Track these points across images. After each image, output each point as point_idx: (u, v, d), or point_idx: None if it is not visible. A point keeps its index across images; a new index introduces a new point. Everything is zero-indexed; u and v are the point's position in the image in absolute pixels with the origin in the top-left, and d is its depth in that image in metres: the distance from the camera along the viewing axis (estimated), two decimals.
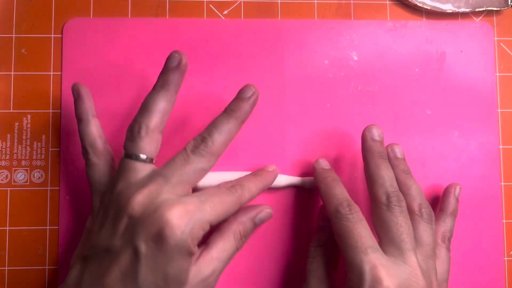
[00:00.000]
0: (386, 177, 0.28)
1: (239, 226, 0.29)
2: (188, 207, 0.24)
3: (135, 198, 0.25)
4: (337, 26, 0.34)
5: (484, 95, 0.34)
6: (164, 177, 0.26)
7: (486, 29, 0.35)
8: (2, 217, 0.32)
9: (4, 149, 0.33)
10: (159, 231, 0.24)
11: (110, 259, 0.24)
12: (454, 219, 0.31)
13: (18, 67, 0.33)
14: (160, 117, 0.27)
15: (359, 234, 0.26)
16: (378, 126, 0.30)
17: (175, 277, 0.24)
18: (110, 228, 0.25)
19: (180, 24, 0.34)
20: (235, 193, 0.27)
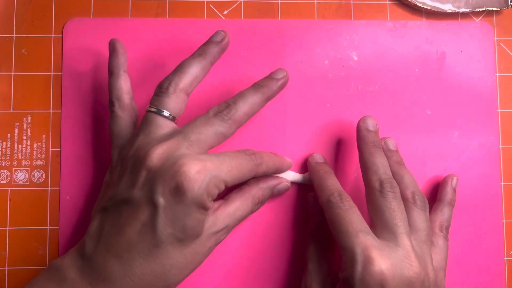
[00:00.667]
0: (380, 164, 0.29)
1: (259, 191, 0.30)
2: (206, 163, 0.25)
3: (154, 151, 0.25)
4: (337, 26, 0.34)
5: (484, 95, 0.34)
6: (184, 134, 0.26)
7: (486, 29, 0.35)
8: (2, 217, 0.32)
9: (4, 149, 0.33)
10: (177, 184, 0.24)
11: (129, 211, 0.25)
12: (451, 208, 0.32)
13: (18, 67, 0.33)
14: (190, 80, 0.28)
15: (350, 220, 0.27)
16: (372, 117, 0.31)
17: (192, 229, 0.25)
18: (129, 180, 0.26)
19: (180, 24, 0.34)
20: (254, 161, 0.28)
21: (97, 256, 0.25)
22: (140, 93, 0.33)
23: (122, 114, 0.30)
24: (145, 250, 0.25)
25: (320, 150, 0.33)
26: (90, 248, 0.26)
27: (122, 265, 0.25)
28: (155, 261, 0.25)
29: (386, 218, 0.27)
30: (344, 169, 0.33)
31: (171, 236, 0.25)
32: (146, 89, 0.33)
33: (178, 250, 0.25)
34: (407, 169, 0.31)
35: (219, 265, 0.32)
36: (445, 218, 0.31)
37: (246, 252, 0.32)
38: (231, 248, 0.33)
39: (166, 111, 0.28)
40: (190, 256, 0.26)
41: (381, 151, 0.30)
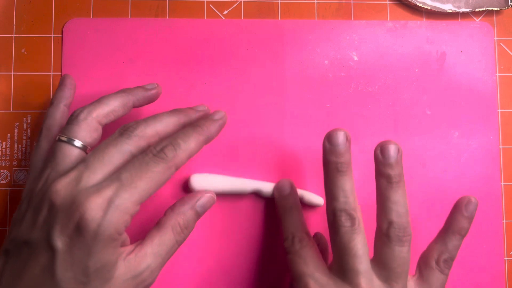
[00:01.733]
0: (338, 193, 0.26)
1: (178, 218, 0.26)
2: (105, 194, 0.23)
3: (55, 187, 0.23)
4: (337, 26, 0.34)
5: (484, 95, 0.34)
6: (85, 162, 0.24)
7: (486, 29, 0.35)
8: (2, 217, 0.32)
9: (4, 149, 0.33)
10: (76, 225, 0.22)
11: (29, 253, 0.23)
12: (459, 238, 0.28)
13: (18, 67, 0.33)
14: (106, 111, 0.26)
15: (296, 262, 0.27)
16: (343, 131, 0.27)
17: (97, 272, 0.23)
18: (31, 219, 0.24)
19: (180, 24, 0.34)
20: (164, 158, 0.24)
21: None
22: None
23: (45, 145, 0.28)
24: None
25: (319, 150, 0.33)
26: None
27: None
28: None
29: (338, 254, 0.26)
30: None
31: (71, 281, 0.22)
32: None
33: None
34: (399, 188, 0.26)
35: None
36: (445, 249, 0.28)
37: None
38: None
39: (77, 139, 0.25)
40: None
41: (342, 174, 0.26)
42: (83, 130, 0.26)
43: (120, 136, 0.25)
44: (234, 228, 0.32)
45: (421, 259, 0.29)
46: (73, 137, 0.25)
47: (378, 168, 0.27)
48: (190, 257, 0.32)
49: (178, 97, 0.33)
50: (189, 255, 0.32)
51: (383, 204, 0.26)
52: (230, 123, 0.33)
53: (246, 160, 0.33)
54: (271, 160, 0.33)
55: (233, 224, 0.33)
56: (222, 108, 0.33)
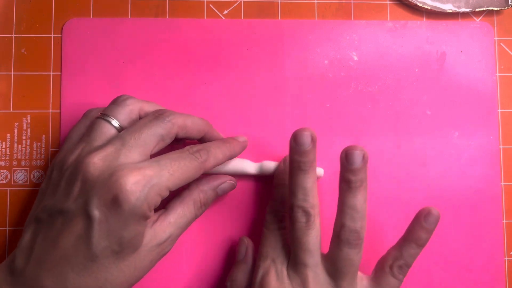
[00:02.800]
0: (297, 190, 0.27)
1: (200, 194, 0.29)
2: (145, 172, 0.24)
3: (91, 161, 0.24)
4: (337, 26, 0.34)
5: (484, 95, 0.34)
6: (122, 139, 0.25)
7: (486, 29, 0.35)
8: (2, 217, 0.32)
9: (4, 149, 0.33)
10: (114, 197, 0.23)
11: (64, 222, 0.24)
12: (415, 247, 0.28)
13: (18, 67, 0.33)
14: (150, 103, 0.28)
15: (268, 241, 0.29)
16: (309, 132, 0.27)
17: (129, 242, 0.24)
18: (65, 190, 0.25)
19: (180, 24, 0.34)
20: (198, 158, 0.26)
21: (29, 271, 0.24)
22: (138, 94, 0.33)
23: (86, 123, 0.29)
24: (79, 264, 0.23)
25: (319, 150, 0.33)
26: (21, 262, 0.24)
27: (55, 280, 0.23)
28: (90, 275, 0.24)
29: (292, 247, 0.28)
30: None
31: (106, 250, 0.24)
32: (145, 90, 0.33)
33: (114, 264, 0.24)
34: (358, 193, 0.27)
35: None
36: (400, 256, 0.28)
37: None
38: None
39: (115, 119, 0.27)
40: (128, 270, 0.25)
41: (304, 173, 0.27)
42: (124, 114, 0.27)
43: (155, 119, 0.26)
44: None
45: (378, 262, 0.29)
46: (113, 117, 0.27)
47: (341, 171, 0.27)
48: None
49: (178, 97, 0.33)
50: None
51: (340, 207, 0.27)
52: (230, 123, 0.33)
53: (246, 159, 0.33)
54: (271, 160, 0.33)
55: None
56: (222, 108, 0.33)
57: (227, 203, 0.33)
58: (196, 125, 0.28)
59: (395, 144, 0.34)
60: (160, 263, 0.31)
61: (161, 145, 0.26)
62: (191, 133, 0.28)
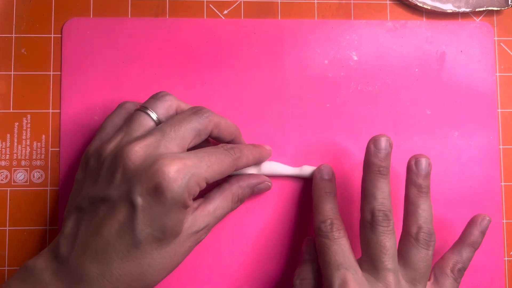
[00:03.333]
0: (378, 194, 0.28)
1: (239, 190, 0.30)
2: (185, 161, 0.25)
3: (132, 149, 0.25)
4: (337, 26, 0.34)
5: (484, 95, 0.34)
6: (162, 131, 0.26)
7: (486, 29, 0.35)
8: (2, 217, 0.32)
9: (4, 149, 0.33)
10: (156, 184, 0.24)
11: (107, 210, 0.25)
12: (472, 251, 0.30)
13: (18, 67, 0.33)
14: (186, 104, 0.29)
15: (335, 251, 0.28)
16: (387, 137, 0.29)
17: (171, 228, 0.25)
18: (106, 178, 0.25)
19: (180, 24, 0.34)
20: (233, 155, 0.27)
21: (73, 258, 0.24)
22: (138, 94, 0.33)
23: (121, 114, 0.29)
24: (123, 251, 0.24)
25: (319, 150, 0.33)
26: (65, 250, 0.25)
27: (100, 266, 0.24)
28: (133, 261, 0.24)
29: (372, 252, 0.28)
30: (344, 169, 0.33)
31: (150, 236, 0.24)
32: (145, 90, 0.33)
33: (157, 251, 0.25)
34: (427, 198, 0.29)
35: (215, 263, 0.32)
36: (460, 259, 0.30)
37: (242, 249, 0.32)
38: (228, 246, 0.33)
39: (154, 112, 0.27)
40: (169, 256, 0.25)
41: (383, 177, 0.28)
42: (163, 108, 0.28)
43: (193, 114, 0.27)
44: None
45: (437, 266, 0.30)
46: (152, 110, 0.27)
47: (410, 177, 0.29)
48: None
49: (178, 97, 0.33)
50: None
51: (413, 210, 0.29)
52: None
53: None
54: (271, 160, 0.33)
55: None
56: (222, 108, 0.33)
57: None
58: (228, 127, 0.29)
59: (395, 144, 0.33)
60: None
61: (196, 140, 0.27)
62: (223, 134, 0.29)
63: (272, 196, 0.33)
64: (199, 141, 0.27)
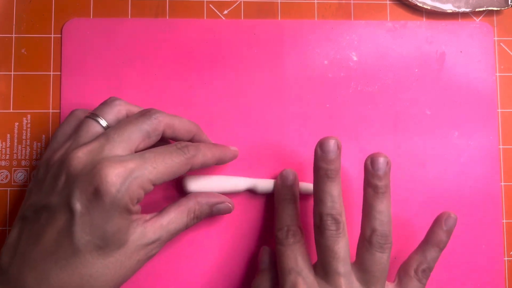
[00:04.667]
0: (325, 198, 0.27)
1: (196, 205, 0.28)
2: (127, 164, 0.24)
3: (75, 155, 0.24)
4: (337, 26, 0.34)
5: (484, 95, 0.34)
6: (106, 135, 0.25)
7: (486, 29, 0.35)
8: (2, 217, 0.32)
9: (4, 149, 0.33)
10: (95, 189, 0.23)
11: (47, 217, 0.24)
12: (437, 250, 0.29)
13: (18, 67, 0.33)
14: (138, 107, 0.28)
15: (288, 256, 0.28)
16: (335, 139, 0.27)
17: (113, 236, 0.24)
18: (50, 185, 0.25)
19: (180, 24, 0.34)
20: (186, 153, 0.26)
21: (12, 268, 0.24)
22: (138, 94, 0.33)
23: (72, 123, 0.28)
24: (62, 260, 0.23)
25: None
26: (6, 260, 0.24)
27: (38, 276, 0.23)
28: (73, 271, 0.23)
29: (321, 256, 0.27)
30: (343, 169, 0.33)
31: (89, 244, 0.23)
32: (145, 90, 0.33)
33: (99, 260, 0.24)
34: (384, 198, 0.28)
35: None
36: (425, 260, 0.29)
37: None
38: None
39: (102, 119, 0.27)
40: (113, 267, 0.24)
41: (331, 180, 0.27)
42: (112, 113, 0.27)
43: (141, 116, 0.26)
44: (229, 225, 0.33)
45: (401, 267, 0.30)
46: (101, 116, 0.27)
47: (366, 178, 0.28)
48: (188, 255, 0.32)
49: (178, 97, 0.33)
50: (187, 253, 0.32)
51: (368, 212, 0.28)
52: (230, 123, 0.33)
53: (246, 160, 0.33)
54: (271, 160, 0.33)
55: (227, 221, 0.33)
56: (222, 108, 0.33)
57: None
58: (183, 125, 0.28)
59: (395, 144, 0.34)
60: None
61: (146, 142, 0.26)
62: (179, 133, 0.28)
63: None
64: (150, 143, 0.27)
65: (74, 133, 0.27)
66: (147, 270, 0.32)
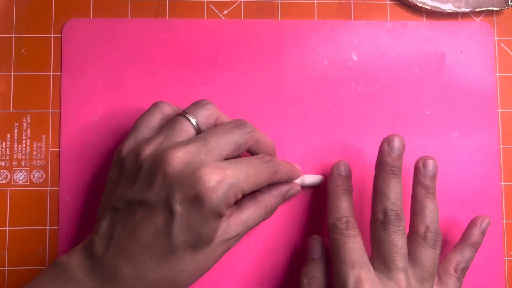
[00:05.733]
0: (390, 193, 0.28)
1: (272, 199, 0.29)
2: (226, 172, 0.25)
3: (173, 155, 0.25)
4: (337, 26, 0.34)
5: (484, 95, 0.34)
6: (203, 140, 0.26)
7: (486, 29, 0.35)
8: (2, 217, 0.32)
9: (4, 149, 0.33)
10: (197, 193, 0.24)
11: (144, 214, 0.25)
12: (474, 251, 0.31)
13: (18, 67, 0.33)
14: (225, 116, 0.29)
15: (350, 248, 0.28)
16: (400, 138, 0.29)
17: (206, 236, 0.25)
18: (145, 181, 0.25)
19: (180, 24, 0.34)
20: (271, 168, 0.27)
21: (107, 257, 0.24)
22: (138, 94, 0.33)
23: (157, 115, 0.28)
24: (158, 255, 0.24)
25: (319, 150, 0.33)
26: (100, 249, 0.25)
27: (134, 268, 0.24)
28: (168, 266, 0.24)
29: (383, 250, 0.28)
30: None
31: (185, 243, 0.24)
32: (145, 90, 0.33)
33: (190, 256, 0.25)
34: (434, 198, 0.29)
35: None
36: (463, 259, 0.31)
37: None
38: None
39: (195, 119, 0.27)
40: (201, 261, 0.25)
41: (396, 177, 0.29)
42: (205, 116, 0.28)
43: (237, 127, 0.27)
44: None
45: (441, 266, 0.31)
46: (194, 117, 0.27)
47: (418, 178, 0.30)
48: None
49: (178, 97, 0.33)
50: None
51: (421, 210, 0.29)
52: None
53: None
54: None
55: None
56: (222, 108, 0.33)
57: None
58: (266, 144, 0.29)
59: None
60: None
61: (235, 153, 0.27)
62: (261, 150, 0.29)
63: None
64: (237, 154, 0.27)
65: (165, 128, 0.27)
66: None
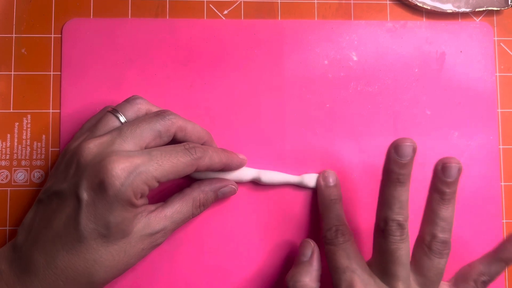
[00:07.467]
0: (394, 203, 0.27)
1: (200, 194, 0.29)
2: (133, 160, 0.25)
3: (87, 146, 0.26)
4: (337, 26, 0.34)
5: (484, 95, 0.34)
6: (119, 130, 0.26)
7: (486, 29, 0.35)
8: (2, 217, 0.32)
9: (4, 149, 0.33)
10: (101, 180, 0.24)
11: (58, 203, 0.26)
12: (503, 266, 0.29)
13: (18, 67, 0.33)
14: (158, 107, 0.29)
15: (340, 256, 0.28)
16: (410, 143, 0.26)
17: (117, 226, 0.25)
18: (63, 173, 0.26)
19: (180, 24, 0.34)
20: (192, 154, 0.27)
21: (25, 247, 0.25)
22: (138, 94, 0.33)
23: (98, 116, 0.30)
24: (69, 244, 0.25)
25: (319, 150, 0.33)
26: (21, 240, 0.26)
27: (47, 257, 0.25)
28: (78, 255, 0.25)
29: (382, 259, 0.27)
30: (344, 170, 0.33)
31: (94, 232, 0.25)
32: (145, 90, 0.33)
33: (103, 247, 0.25)
34: (450, 205, 0.27)
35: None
36: (487, 272, 0.29)
37: (237, 251, 0.33)
38: (228, 249, 0.33)
39: (122, 115, 0.28)
40: (117, 254, 0.25)
41: (402, 185, 0.27)
42: (132, 111, 0.28)
43: (155, 116, 0.27)
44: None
45: (461, 272, 0.30)
46: (121, 112, 0.28)
47: (434, 182, 0.28)
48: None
49: (178, 97, 0.33)
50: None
51: (431, 217, 0.28)
52: (231, 123, 0.33)
53: None
54: (271, 160, 0.33)
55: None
56: (222, 108, 0.33)
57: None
58: (196, 130, 0.29)
59: None
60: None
61: (157, 141, 0.27)
62: (190, 138, 0.29)
63: (271, 203, 0.33)
64: (161, 143, 0.27)
65: (93, 125, 0.28)
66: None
